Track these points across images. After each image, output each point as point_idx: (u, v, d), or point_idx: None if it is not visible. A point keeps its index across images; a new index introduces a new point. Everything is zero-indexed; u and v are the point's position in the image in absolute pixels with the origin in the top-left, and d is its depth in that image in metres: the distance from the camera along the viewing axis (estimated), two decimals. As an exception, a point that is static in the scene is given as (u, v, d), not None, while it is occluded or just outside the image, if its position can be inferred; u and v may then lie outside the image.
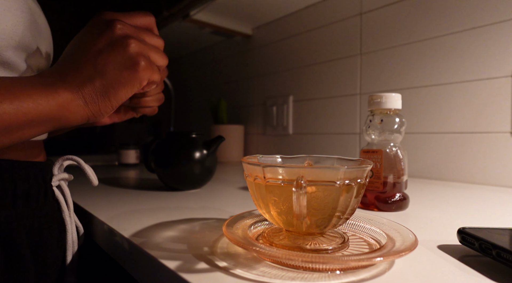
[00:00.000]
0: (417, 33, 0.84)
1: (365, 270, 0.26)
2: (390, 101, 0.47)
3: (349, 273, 0.25)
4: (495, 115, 0.71)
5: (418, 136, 0.84)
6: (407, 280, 0.24)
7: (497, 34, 0.71)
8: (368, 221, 0.34)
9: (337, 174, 0.26)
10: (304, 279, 0.24)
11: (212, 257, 0.29)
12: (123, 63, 0.31)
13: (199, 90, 1.73)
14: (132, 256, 0.33)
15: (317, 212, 0.27)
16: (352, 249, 0.30)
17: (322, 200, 0.27)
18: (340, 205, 0.27)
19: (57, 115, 0.29)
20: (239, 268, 0.26)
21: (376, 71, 0.93)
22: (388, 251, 0.26)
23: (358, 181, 0.27)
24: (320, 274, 0.25)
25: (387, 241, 0.29)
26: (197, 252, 0.30)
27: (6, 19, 0.32)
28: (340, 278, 0.24)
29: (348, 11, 1.00)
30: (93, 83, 0.30)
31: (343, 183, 0.26)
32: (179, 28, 1.29)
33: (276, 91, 1.26)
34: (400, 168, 0.47)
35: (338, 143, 1.03)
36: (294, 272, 0.25)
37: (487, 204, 0.53)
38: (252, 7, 1.13)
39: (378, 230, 0.32)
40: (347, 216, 0.29)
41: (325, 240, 0.30)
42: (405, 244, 0.26)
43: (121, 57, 0.31)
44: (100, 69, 0.30)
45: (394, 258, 0.24)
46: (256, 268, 0.26)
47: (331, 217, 0.28)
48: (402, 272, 0.26)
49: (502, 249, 0.25)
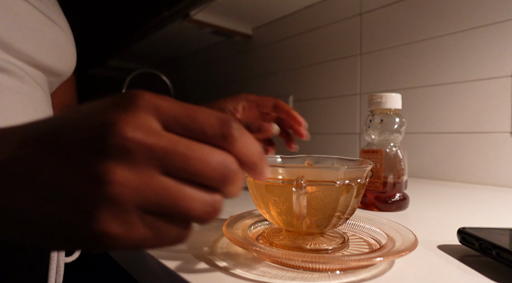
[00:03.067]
0: (417, 33, 0.84)
1: (365, 270, 0.26)
2: (390, 101, 0.47)
3: (349, 273, 0.25)
4: (495, 115, 0.71)
5: (418, 136, 0.84)
6: (407, 280, 0.24)
7: (497, 34, 0.71)
8: (368, 221, 0.34)
9: (337, 174, 0.26)
10: (304, 279, 0.24)
11: (212, 257, 0.29)
12: (73, 199, 0.16)
13: (199, 90, 1.73)
14: (131, 256, 0.33)
15: (317, 212, 0.28)
16: (352, 249, 0.30)
17: (322, 200, 0.27)
18: (340, 205, 0.27)
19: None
20: (239, 268, 0.26)
21: (376, 71, 0.93)
22: (388, 251, 0.26)
23: (358, 181, 0.28)
24: (320, 274, 0.25)
25: (387, 241, 0.29)
26: (197, 252, 0.30)
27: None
28: (340, 278, 0.24)
29: (348, 11, 1.00)
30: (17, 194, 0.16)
31: (343, 183, 0.26)
32: (179, 28, 1.29)
33: (276, 91, 1.25)
34: (400, 168, 0.47)
35: (338, 143, 1.03)
36: (294, 272, 0.25)
37: (487, 204, 0.53)
38: (252, 7, 1.13)
39: (378, 230, 0.33)
40: (347, 216, 0.29)
41: (325, 240, 0.30)
42: (405, 244, 0.26)
43: (76, 184, 0.16)
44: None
45: (394, 258, 0.24)
46: (256, 268, 0.26)
47: (331, 217, 0.28)
48: (402, 272, 0.26)
49: (502, 249, 0.25)
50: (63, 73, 0.50)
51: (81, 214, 0.15)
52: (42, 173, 0.16)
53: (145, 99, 0.16)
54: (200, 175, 0.16)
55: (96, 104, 0.17)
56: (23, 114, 0.40)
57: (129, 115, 0.16)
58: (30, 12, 0.42)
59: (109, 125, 0.15)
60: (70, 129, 0.16)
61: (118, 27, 1.46)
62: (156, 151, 0.16)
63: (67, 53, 0.50)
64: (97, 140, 0.15)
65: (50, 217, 0.16)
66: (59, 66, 0.48)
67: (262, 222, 0.35)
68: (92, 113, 0.16)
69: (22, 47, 0.40)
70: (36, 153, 0.16)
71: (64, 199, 0.16)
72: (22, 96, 0.40)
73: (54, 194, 0.16)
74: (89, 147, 0.15)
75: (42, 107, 0.45)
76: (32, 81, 0.43)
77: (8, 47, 0.38)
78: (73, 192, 0.15)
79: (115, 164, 0.15)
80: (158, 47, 1.61)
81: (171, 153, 0.16)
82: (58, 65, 0.47)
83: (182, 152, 0.16)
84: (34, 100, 0.43)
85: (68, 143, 0.16)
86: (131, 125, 0.15)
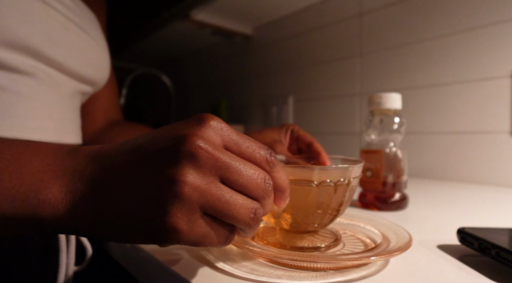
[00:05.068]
0: (417, 33, 0.84)
1: (358, 270, 0.26)
2: (390, 101, 0.47)
3: (341, 272, 0.25)
4: (495, 115, 0.71)
5: (418, 136, 0.84)
6: (407, 280, 0.24)
7: (497, 34, 0.71)
8: (367, 222, 0.35)
9: (313, 174, 0.27)
10: (291, 278, 0.24)
11: (206, 254, 0.29)
12: (152, 195, 0.19)
13: (199, 90, 1.73)
14: (129, 254, 0.33)
15: (297, 210, 0.28)
16: (348, 249, 0.30)
17: (302, 199, 0.28)
18: (321, 203, 0.28)
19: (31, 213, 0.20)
20: (232, 265, 0.26)
21: (376, 71, 0.93)
22: (382, 250, 0.26)
23: (341, 180, 0.28)
24: (307, 273, 0.25)
25: (382, 241, 0.29)
26: (192, 250, 0.30)
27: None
28: (335, 277, 0.24)
29: (348, 12, 1.00)
30: (93, 199, 0.20)
31: (319, 182, 0.27)
32: (179, 28, 1.29)
33: (276, 91, 1.26)
34: (400, 168, 0.47)
35: (338, 143, 1.03)
36: (282, 270, 0.26)
37: (487, 204, 0.53)
38: (252, 7, 1.14)
39: (375, 230, 0.33)
40: (332, 214, 0.29)
41: (318, 238, 0.31)
42: (398, 244, 0.27)
43: (155, 183, 0.19)
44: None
45: (386, 258, 0.24)
46: (246, 265, 0.27)
47: (312, 214, 0.29)
48: (402, 272, 0.26)
49: (502, 249, 0.25)
50: (96, 81, 0.52)
51: (158, 209, 0.19)
52: (133, 178, 0.20)
53: (215, 121, 0.21)
54: (248, 187, 0.20)
55: (175, 123, 0.21)
56: (42, 121, 0.41)
57: (202, 130, 0.20)
58: (65, 24, 0.43)
59: (184, 135, 0.19)
60: (152, 142, 0.20)
61: (118, 27, 1.47)
62: (220, 162, 0.19)
63: (100, 62, 0.52)
64: (173, 148, 0.19)
65: (135, 214, 0.19)
66: (91, 74, 0.49)
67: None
68: (171, 129, 0.20)
69: (52, 54, 0.41)
70: (125, 162, 0.20)
71: (147, 198, 0.19)
72: (44, 104, 0.41)
73: (141, 195, 0.19)
74: (166, 153, 0.19)
75: (67, 115, 0.46)
76: (56, 87, 0.44)
77: (39, 54, 0.39)
78: (154, 191, 0.19)
79: (187, 167, 0.19)
80: (158, 47, 1.61)
81: (230, 166, 0.20)
82: (89, 73, 0.49)
83: (238, 168, 0.20)
84: (55, 107, 0.43)
85: (150, 152, 0.20)
86: (202, 138, 0.19)
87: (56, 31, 0.41)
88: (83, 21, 0.48)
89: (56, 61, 0.42)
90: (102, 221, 0.20)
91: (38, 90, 0.40)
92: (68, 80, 0.46)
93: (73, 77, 0.46)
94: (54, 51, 0.41)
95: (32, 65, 0.39)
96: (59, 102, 0.44)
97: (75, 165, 0.21)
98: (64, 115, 0.45)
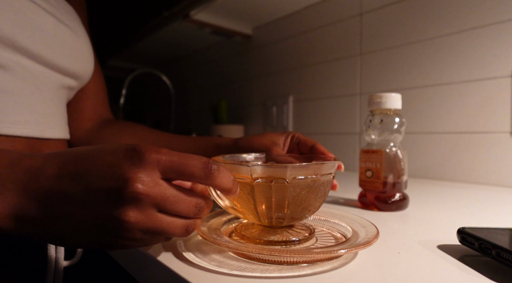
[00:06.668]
0: (417, 33, 0.84)
1: (329, 263, 0.27)
2: (390, 101, 0.47)
3: (313, 265, 0.26)
4: (495, 115, 0.71)
5: (418, 136, 0.84)
6: (407, 280, 0.24)
7: (497, 34, 0.71)
8: (340, 218, 0.36)
9: (286, 172, 0.28)
10: (263, 270, 0.24)
11: (184, 250, 0.30)
12: (100, 226, 0.23)
13: (199, 90, 1.73)
14: (128, 253, 0.33)
15: (271, 206, 0.30)
16: (320, 243, 0.32)
17: (275, 195, 0.29)
18: (294, 200, 0.29)
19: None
20: (204, 259, 0.27)
21: (376, 71, 0.93)
22: (349, 244, 0.28)
23: (312, 177, 0.29)
24: (276, 266, 0.26)
25: (352, 236, 0.31)
26: (171, 244, 0.31)
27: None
28: (305, 270, 0.25)
29: (348, 11, 1.00)
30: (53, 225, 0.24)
31: (291, 179, 0.28)
32: (179, 28, 1.29)
33: (276, 91, 1.26)
34: (400, 168, 0.47)
35: (338, 143, 1.03)
36: (255, 264, 0.27)
37: (487, 204, 0.53)
38: (252, 7, 1.13)
39: (345, 225, 0.34)
40: (307, 210, 0.31)
41: (293, 233, 0.32)
42: (366, 238, 0.28)
43: (102, 217, 0.23)
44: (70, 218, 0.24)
45: (351, 251, 0.26)
46: (216, 259, 0.28)
47: (283, 209, 0.30)
48: (402, 272, 0.26)
49: (502, 249, 0.25)
50: (79, 74, 0.51)
51: (109, 235, 0.24)
52: (81, 207, 0.23)
53: (151, 156, 0.23)
54: (181, 212, 0.25)
55: (114, 154, 0.24)
56: (23, 115, 0.40)
57: (141, 171, 0.23)
58: (40, 13, 0.42)
59: (125, 180, 0.22)
60: (96, 176, 0.23)
61: (118, 27, 1.47)
62: (156, 199, 0.23)
63: (81, 53, 0.51)
64: (117, 192, 0.22)
65: (89, 237, 0.24)
66: (72, 67, 0.49)
67: (238, 219, 0.37)
68: (112, 165, 0.23)
69: (29, 45, 0.40)
70: (70, 189, 0.23)
71: (96, 227, 0.23)
72: (23, 97, 0.41)
73: (83, 225, 0.23)
74: (111, 195, 0.23)
75: (50, 109, 0.45)
76: (36, 81, 0.43)
77: (15, 45, 0.39)
78: (102, 222, 0.23)
79: (129, 208, 0.23)
80: (158, 47, 1.61)
81: (166, 201, 0.24)
82: (70, 65, 0.48)
83: (173, 200, 0.24)
84: (36, 101, 0.43)
85: (95, 188, 0.23)
86: (141, 182, 0.23)
87: (31, 21, 0.41)
88: (60, 12, 0.47)
89: (34, 52, 0.41)
90: (52, 237, 0.24)
91: (15, 84, 0.40)
92: (49, 72, 0.45)
93: (54, 69, 0.45)
94: (31, 41, 0.40)
95: (7, 58, 0.38)
96: (40, 96, 0.43)
97: (14, 179, 0.24)
98: (46, 109, 0.44)
